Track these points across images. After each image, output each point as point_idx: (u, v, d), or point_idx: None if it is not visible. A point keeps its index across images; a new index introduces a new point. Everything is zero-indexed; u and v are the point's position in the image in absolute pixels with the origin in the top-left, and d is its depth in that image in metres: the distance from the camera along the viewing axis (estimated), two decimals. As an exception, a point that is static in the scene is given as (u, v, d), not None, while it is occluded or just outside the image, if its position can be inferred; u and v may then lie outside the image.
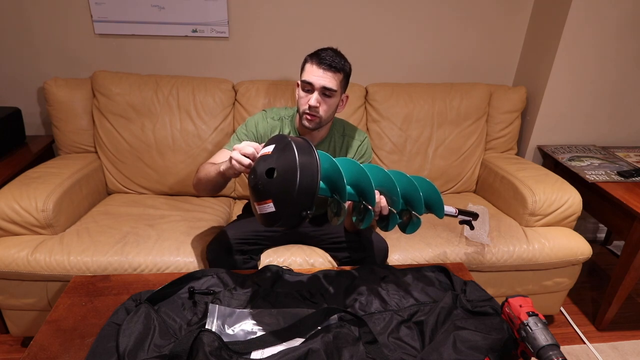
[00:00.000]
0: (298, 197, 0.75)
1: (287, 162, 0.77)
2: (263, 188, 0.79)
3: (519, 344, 0.85)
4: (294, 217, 0.77)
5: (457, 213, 1.06)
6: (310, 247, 1.40)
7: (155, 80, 1.72)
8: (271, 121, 1.31)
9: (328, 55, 1.16)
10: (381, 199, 0.96)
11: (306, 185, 0.75)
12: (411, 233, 1.00)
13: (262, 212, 0.80)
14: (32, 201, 1.34)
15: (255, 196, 0.82)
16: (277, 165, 0.79)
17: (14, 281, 1.33)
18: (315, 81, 1.15)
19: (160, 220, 1.51)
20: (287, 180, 0.76)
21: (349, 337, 0.87)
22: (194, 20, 1.79)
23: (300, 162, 0.76)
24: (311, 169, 0.77)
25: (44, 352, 0.85)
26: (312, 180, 0.76)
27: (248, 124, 1.31)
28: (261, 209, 0.80)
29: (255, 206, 0.83)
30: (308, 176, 0.76)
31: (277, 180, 0.78)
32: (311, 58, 1.18)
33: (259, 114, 1.33)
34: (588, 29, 1.80)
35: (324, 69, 1.15)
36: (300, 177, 0.75)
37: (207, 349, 0.78)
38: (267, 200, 0.78)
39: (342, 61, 1.19)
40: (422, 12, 1.91)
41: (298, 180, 0.74)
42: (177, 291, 1.01)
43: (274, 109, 1.35)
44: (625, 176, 1.67)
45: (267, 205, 0.78)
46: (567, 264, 1.54)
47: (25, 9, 1.72)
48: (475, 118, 1.90)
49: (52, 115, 1.70)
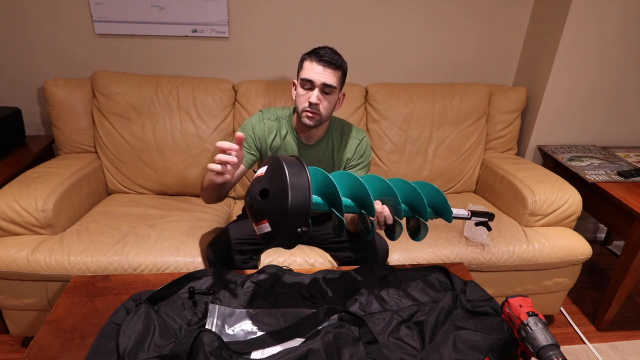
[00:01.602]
0: (291, 215, 0.76)
1: (278, 182, 0.79)
2: (258, 209, 0.81)
3: (519, 344, 0.85)
4: (290, 235, 0.79)
5: (470, 215, 1.05)
6: (310, 247, 1.40)
7: (155, 80, 1.72)
8: (268, 122, 1.31)
9: (326, 52, 1.17)
10: (384, 208, 0.95)
11: (298, 203, 0.77)
12: (420, 240, 1.00)
13: (260, 233, 0.82)
14: (32, 201, 1.34)
15: (252, 217, 0.84)
16: (269, 186, 0.81)
17: (14, 281, 1.33)
18: (316, 78, 1.16)
19: (160, 220, 1.51)
20: (280, 200, 0.78)
21: (349, 337, 0.87)
22: (194, 20, 1.79)
23: (291, 181, 0.77)
24: (302, 186, 0.79)
25: (44, 352, 0.85)
26: (304, 197, 0.78)
27: (245, 127, 1.32)
28: (259, 230, 0.82)
29: (253, 226, 0.85)
30: (300, 194, 0.77)
31: (270, 201, 0.80)
32: (309, 56, 1.19)
33: (255, 116, 1.33)
34: (588, 29, 1.80)
35: (323, 65, 1.15)
36: (291, 195, 0.76)
37: (207, 349, 0.78)
38: (263, 221, 0.80)
39: (340, 58, 1.20)
40: (422, 12, 1.91)
41: (290, 199, 0.76)
42: (177, 291, 1.01)
43: (271, 109, 1.35)
44: (625, 176, 1.67)
45: (263, 225, 0.80)
46: (567, 264, 1.54)
47: (25, 9, 1.72)
48: (475, 118, 1.90)
49: (52, 115, 1.70)
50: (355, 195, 0.94)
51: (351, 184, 0.93)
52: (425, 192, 0.97)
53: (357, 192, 0.93)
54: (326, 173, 0.89)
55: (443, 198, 0.98)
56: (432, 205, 1.00)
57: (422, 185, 0.99)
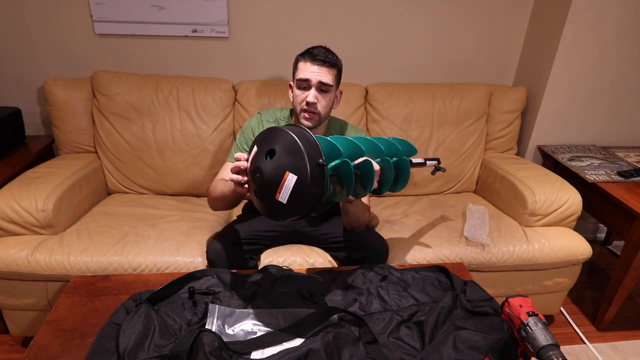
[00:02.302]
0: (307, 149, 0.76)
1: (276, 136, 0.80)
2: (271, 169, 0.78)
3: (519, 344, 0.85)
4: (317, 171, 0.76)
5: (425, 160, 1.19)
6: (310, 247, 1.40)
7: (155, 80, 1.72)
8: (267, 124, 1.31)
9: (320, 52, 1.17)
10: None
11: (306, 139, 0.78)
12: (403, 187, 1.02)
13: (288, 190, 0.77)
14: (32, 201, 1.34)
15: (272, 185, 0.78)
16: (271, 145, 0.80)
17: (14, 281, 1.33)
18: (312, 77, 1.16)
19: (160, 220, 1.51)
20: (289, 144, 0.78)
21: (349, 337, 0.87)
22: (194, 20, 1.79)
23: (286, 127, 0.80)
24: (300, 129, 0.81)
25: (44, 352, 0.85)
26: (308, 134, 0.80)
27: (245, 130, 1.32)
28: (286, 189, 0.77)
29: (277, 198, 0.79)
30: (298, 131, 0.80)
31: (280, 154, 0.78)
32: (303, 56, 1.19)
33: (254, 119, 1.33)
34: (588, 29, 1.80)
35: (318, 64, 1.16)
36: (295, 133, 0.78)
37: (207, 349, 0.78)
38: (285, 176, 0.76)
39: (334, 57, 1.20)
40: (422, 12, 1.91)
41: (295, 136, 0.77)
42: (177, 291, 1.01)
43: (270, 110, 1.35)
44: (625, 176, 1.67)
45: (287, 180, 0.76)
46: (567, 264, 1.54)
47: (25, 9, 1.72)
48: (475, 118, 1.90)
49: (52, 115, 1.70)
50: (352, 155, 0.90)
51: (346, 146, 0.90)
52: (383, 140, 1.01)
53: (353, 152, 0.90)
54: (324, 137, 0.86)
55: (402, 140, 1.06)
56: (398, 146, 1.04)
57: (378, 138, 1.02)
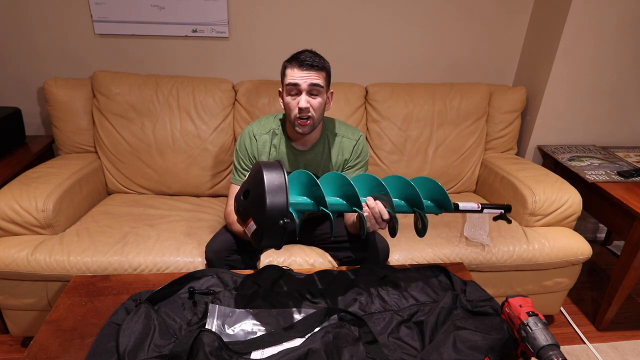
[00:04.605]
0: (271, 206, 0.79)
1: (256, 181, 0.84)
2: (243, 210, 0.86)
3: (519, 344, 0.85)
4: (274, 228, 0.81)
5: (481, 208, 1.02)
6: (310, 247, 1.40)
7: (155, 80, 1.72)
8: (260, 138, 1.29)
9: (307, 56, 1.15)
10: (376, 203, 0.96)
11: (275, 196, 0.80)
12: (424, 234, 1.00)
13: (250, 233, 0.86)
14: (32, 201, 1.34)
15: (241, 219, 0.89)
16: (250, 187, 0.86)
17: (14, 281, 1.33)
18: (301, 81, 1.14)
19: (160, 220, 1.51)
20: (259, 197, 0.81)
21: (349, 337, 0.87)
22: (194, 20, 1.79)
23: (267, 178, 0.81)
24: (279, 181, 0.82)
25: (44, 352, 0.85)
26: (280, 189, 0.81)
27: (239, 149, 1.31)
28: (248, 230, 0.86)
29: (245, 231, 0.88)
30: (276, 187, 0.81)
31: (251, 200, 0.84)
32: (290, 62, 1.17)
33: (245, 135, 1.31)
34: (588, 29, 1.80)
35: (306, 69, 1.14)
36: (267, 187, 0.80)
37: (207, 349, 0.78)
38: (249, 220, 0.84)
39: (322, 60, 1.18)
40: (422, 12, 1.91)
41: (266, 189, 0.79)
42: (177, 291, 1.01)
43: (261, 121, 1.33)
44: (625, 176, 1.67)
45: (250, 225, 0.84)
46: (567, 264, 1.54)
47: (26, 9, 1.72)
48: (475, 118, 1.90)
49: (52, 115, 1.70)
50: (345, 194, 0.96)
51: (341, 183, 0.96)
52: (423, 186, 0.98)
53: (346, 191, 0.95)
54: (310, 174, 0.92)
55: (441, 189, 0.99)
56: (432, 199, 1.01)
57: (420, 180, 1.00)
